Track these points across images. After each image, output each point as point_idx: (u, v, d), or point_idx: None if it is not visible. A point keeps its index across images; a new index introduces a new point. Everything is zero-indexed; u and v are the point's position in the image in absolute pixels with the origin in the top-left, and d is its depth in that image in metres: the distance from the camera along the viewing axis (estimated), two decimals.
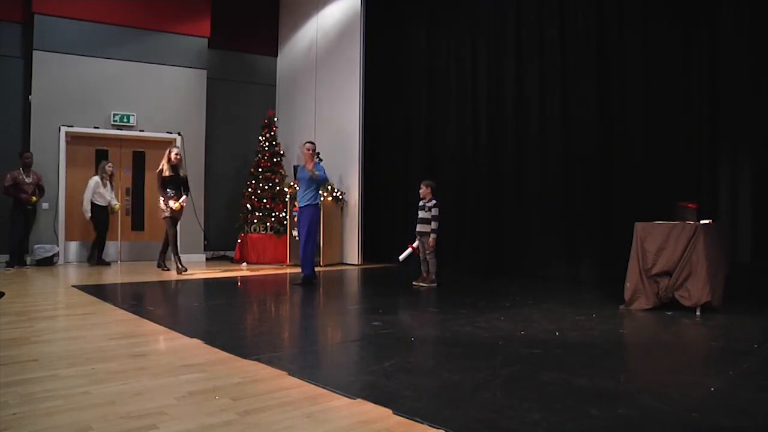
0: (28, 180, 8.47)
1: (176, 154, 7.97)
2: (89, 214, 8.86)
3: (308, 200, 6.74)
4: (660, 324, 4.50)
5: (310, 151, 6.79)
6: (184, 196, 8.06)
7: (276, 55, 11.45)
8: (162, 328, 4.29)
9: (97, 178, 8.90)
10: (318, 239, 7.64)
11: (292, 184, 9.48)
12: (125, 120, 9.66)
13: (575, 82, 7.27)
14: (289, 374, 3.04)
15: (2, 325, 4.28)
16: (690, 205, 5.15)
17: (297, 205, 7.19)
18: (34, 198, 8.53)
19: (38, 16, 9.00)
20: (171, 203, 7.87)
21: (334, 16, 10.07)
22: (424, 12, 9.39)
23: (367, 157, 9.58)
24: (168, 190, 7.89)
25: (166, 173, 7.88)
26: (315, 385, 2.86)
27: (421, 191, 6.76)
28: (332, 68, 10.05)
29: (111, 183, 9.07)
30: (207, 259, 10.37)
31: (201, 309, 5.55)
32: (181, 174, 8.06)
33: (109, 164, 9.09)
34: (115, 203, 9.11)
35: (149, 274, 7.93)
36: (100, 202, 8.91)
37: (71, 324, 4.52)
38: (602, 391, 2.77)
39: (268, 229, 9.87)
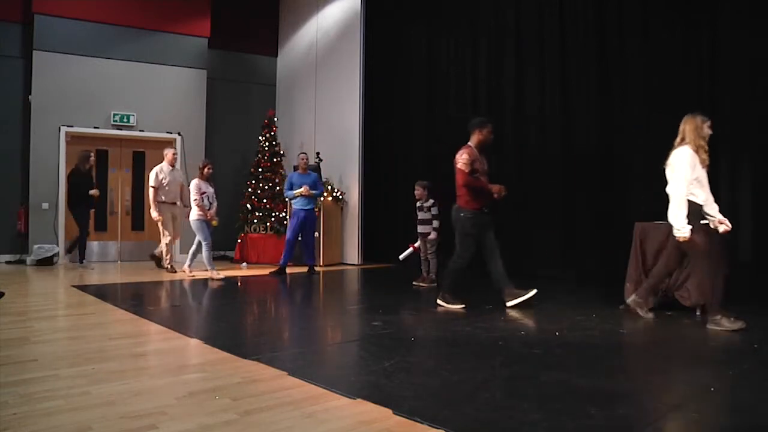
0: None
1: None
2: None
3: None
4: (660, 324, 4.50)
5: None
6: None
7: (276, 55, 11.44)
8: (162, 328, 4.29)
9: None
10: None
11: None
12: (125, 120, 9.66)
13: (575, 81, 7.26)
14: (289, 374, 3.04)
15: (2, 325, 4.27)
16: None
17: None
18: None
19: (38, 16, 9.00)
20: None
21: (334, 16, 10.07)
22: (425, 12, 9.37)
23: (367, 157, 9.58)
24: None
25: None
26: (315, 385, 2.85)
27: (416, 192, 6.77)
28: (332, 68, 10.04)
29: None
30: None
31: (201, 309, 5.55)
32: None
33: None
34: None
35: (149, 274, 7.93)
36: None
37: (71, 324, 4.52)
38: (602, 391, 2.77)
39: (268, 229, 9.87)
